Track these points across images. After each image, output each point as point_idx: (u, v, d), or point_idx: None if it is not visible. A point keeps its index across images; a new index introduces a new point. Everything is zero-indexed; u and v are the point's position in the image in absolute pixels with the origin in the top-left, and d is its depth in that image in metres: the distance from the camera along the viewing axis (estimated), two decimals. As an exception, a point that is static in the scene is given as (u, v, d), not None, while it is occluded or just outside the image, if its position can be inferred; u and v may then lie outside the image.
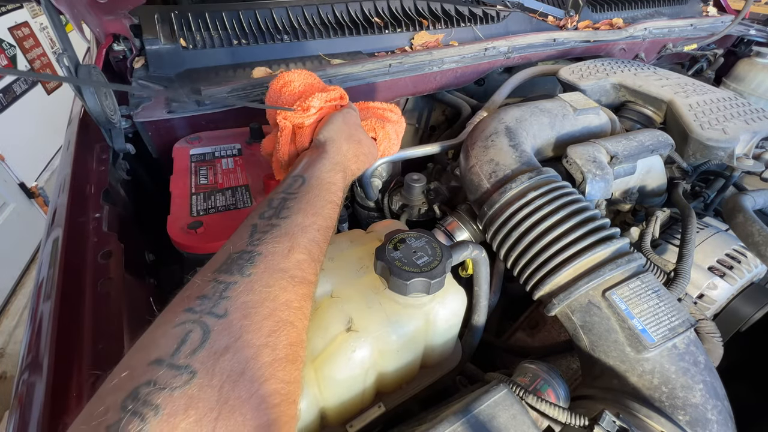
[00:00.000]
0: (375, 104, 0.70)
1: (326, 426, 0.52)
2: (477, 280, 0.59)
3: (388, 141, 0.67)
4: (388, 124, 0.66)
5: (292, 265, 0.38)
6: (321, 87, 0.64)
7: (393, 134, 0.67)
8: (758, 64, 1.28)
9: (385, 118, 0.68)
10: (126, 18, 0.91)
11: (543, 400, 0.45)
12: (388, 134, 0.66)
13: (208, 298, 0.32)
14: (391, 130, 0.67)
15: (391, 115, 0.69)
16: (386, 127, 0.66)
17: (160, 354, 0.28)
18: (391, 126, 0.67)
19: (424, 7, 1.17)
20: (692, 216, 0.70)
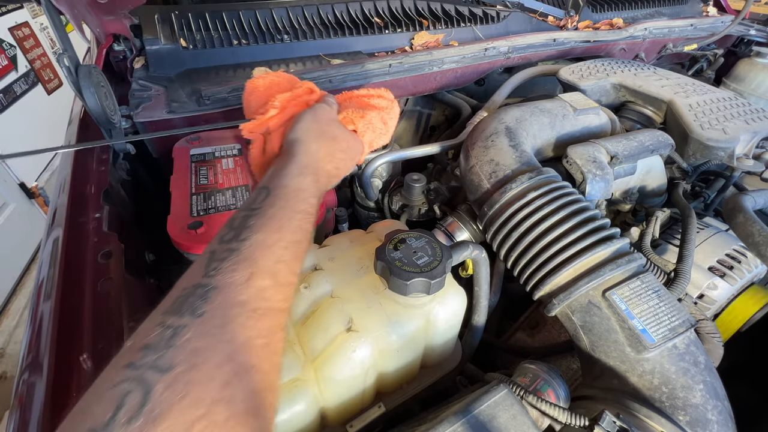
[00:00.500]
0: (360, 91, 0.62)
1: (326, 426, 0.52)
2: (477, 280, 0.59)
3: (372, 130, 0.58)
4: (370, 112, 0.58)
5: (252, 295, 0.32)
6: (286, 86, 0.59)
7: (378, 122, 0.58)
8: (758, 64, 1.28)
9: (367, 105, 0.60)
10: (126, 18, 0.91)
11: (543, 401, 0.45)
12: (370, 123, 0.57)
13: (153, 348, 0.27)
14: (375, 118, 0.58)
15: (378, 102, 0.60)
16: (367, 116, 0.57)
17: (94, 424, 0.23)
18: (375, 114, 0.58)
19: (424, 7, 1.17)
20: (692, 216, 0.70)
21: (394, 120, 0.62)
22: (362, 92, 0.62)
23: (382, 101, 0.61)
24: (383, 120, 0.60)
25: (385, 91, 0.62)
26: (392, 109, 0.61)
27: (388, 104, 0.61)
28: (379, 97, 0.61)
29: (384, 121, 0.60)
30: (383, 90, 0.62)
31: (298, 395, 0.46)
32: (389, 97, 0.61)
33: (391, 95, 0.62)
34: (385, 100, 0.61)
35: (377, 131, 0.59)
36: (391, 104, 0.61)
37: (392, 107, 0.61)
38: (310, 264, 0.56)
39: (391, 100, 0.61)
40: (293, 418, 0.46)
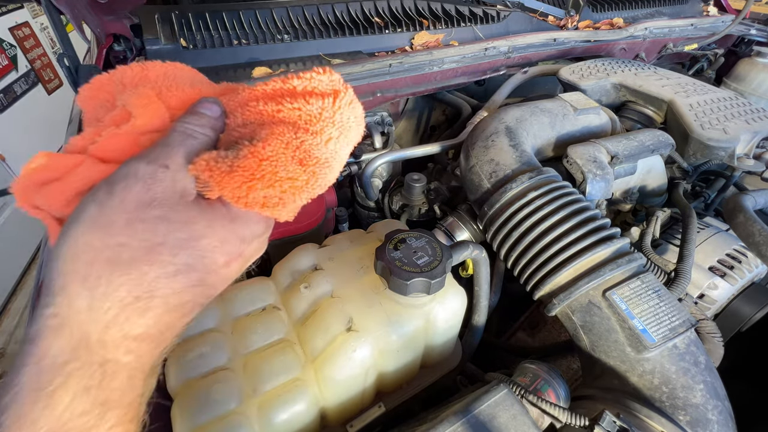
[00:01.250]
0: (267, 86, 0.33)
1: (326, 426, 0.52)
2: (477, 280, 0.59)
3: (287, 184, 0.31)
4: (279, 138, 0.30)
5: None
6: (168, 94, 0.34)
7: (296, 160, 0.31)
8: (759, 64, 1.28)
9: (276, 122, 0.32)
10: (126, 18, 0.91)
11: (543, 400, 0.45)
12: (278, 166, 0.30)
13: None
14: (290, 151, 0.31)
15: (307, 108, 0.32)
16: (273, 152, 0.30)
17: None
18: (291, 139, 0.31)
19: (425, 7, 1.17)
20: (693, 216, 0.70)
21: (350, 136, 0.34)
22: (270, 87, 0.33)
23: (311, 106, 0.32)
24: (306, 149, 0.31)
25: (327, 73, 0.33)
26: (335, 116, 0.32)
27: (327, 108, 0.32)
28: (310, 96, 0.32)
29: (313, 152, 0.31)
30: (322, 71, 0.33)
31: (298, 395, 0.46)
32: (334, 84, 0.33)
33: (337, 78, 0.34)
34: (321, 99, 0.32)
35: (300, 180, 0.31)
36: (337, 105, 0.32)
37: (338, 111, 0.32)
38: (311, 264, 0.56)
39: (337, 90, 0.33)
40: (293, 418, 0.46)
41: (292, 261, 0.57)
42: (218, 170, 0.28)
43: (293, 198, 0.32)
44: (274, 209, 0.31)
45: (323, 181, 0.33)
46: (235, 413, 0.45)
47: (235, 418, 0.44)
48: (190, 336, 0.51)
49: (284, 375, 0.48)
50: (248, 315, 0.54)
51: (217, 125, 0.32)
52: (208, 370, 0.48)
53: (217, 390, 0.46)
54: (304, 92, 0.33)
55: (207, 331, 0.52)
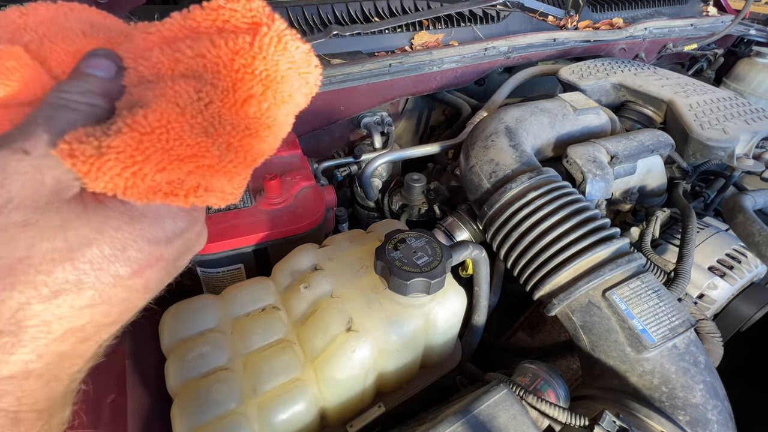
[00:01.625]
0: (154, 29, 0.26)
1: (326, 426, 0.52)
2: (477, 280, 0.59)
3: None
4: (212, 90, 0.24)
5: None
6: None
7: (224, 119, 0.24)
8: (758, 64, 1.28)
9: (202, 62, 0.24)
10: (126, 18, 0.91)
11: (543, 400, 0.45)
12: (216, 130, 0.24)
13: None
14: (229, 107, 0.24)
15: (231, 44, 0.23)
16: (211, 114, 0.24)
17: None
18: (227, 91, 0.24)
19: (424, 7, 1.17)
20: (692, 216, 0.70)
21: (284, 90, 0.25)
22: (168, 26, 0.26)
23: (219, 50, 0.24)
24: (214, 113, 0.24)
25: (244, 1, 0.25)
26: (255, 63, 0.24)
27: (242, 50, 0.24)
28: (218, 35, 0.24)
29: (224, 117, 0.24)
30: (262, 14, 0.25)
31: (298, 395, 0.46)
32: (254, 14, 0.25)
33: (258, 5, 0.25)
34: (233, 39, 0.24)
35: (209, 156, 0.24)
36: (257, 45, 0.24)
37: (259, 54, 0.24)
38: (310, 264, 0.56)
39: (257, 23, 0.24)
40: (293, 418, 0.46)
41: (292, 261, 0.57)
42: (83, 154, 0.21)
43: (209, 179, 0.24)
44: (187, 197, 0.24)
45: (250, 154, 0.25)
46: (235, 413, 0.45)
47: (235, 418, 0.44)
48: (190, 336, 0.51)
49: (284, 375, 0.48)
50: (248, 315, 0.54)
51: (110, 89, 0.24)
52: (208, 370, 0.48)
53: (217, 390, 0.46)
54: (211, 29, 0.25)
55: (207, 331, 0.52)
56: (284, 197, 0.68)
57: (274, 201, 0.67)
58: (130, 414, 0.47)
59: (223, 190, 0.26)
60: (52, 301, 0.21)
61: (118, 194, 0.22)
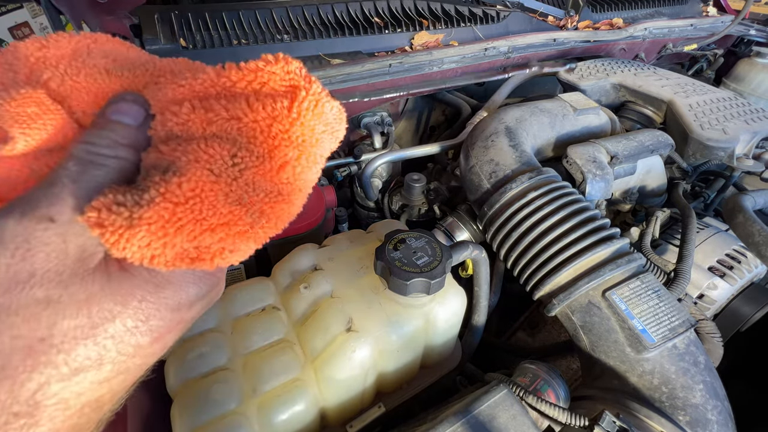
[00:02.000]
0: (185, 82, 0.24)
1: (326, 426, 0.52)
2: (477, 280, 0.59)
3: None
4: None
5: None
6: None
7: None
8: (758, 64, 1.28)
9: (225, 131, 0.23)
10: (126, 18, 0.91)
11: (543, 401, 0.45)
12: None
13: None
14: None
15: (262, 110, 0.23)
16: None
17: None
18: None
19: (424, 7, 1.16)
20: (692, 216, 0.70)
21: (317, 153, 0.25)
22: (200, 82, 0.24)
23: (257, 114, 0.23)
24: (249, 180, 0.23)
25: (281, 62, 0.24)
26: (293, 129, 0.23)
27: (281, 115, 0.23)
28: (256, 98, 0.23)
29: (259, 184, 0.23)
30: (274, 60, 0.24)
31: (298, 395, 0.46)
32: (292, 77, 0.24)
33: (296, 68, 0.24)
34: (271, 103, 0.23)
35: (241, 224, 0.23)
36: (295, 110, 0.23)
37: (297, 120, 0.23)
38: (310, 264, 0.56)
39: (296, 86, 0.24)
40: (293, 418, 0.46)
41: (292, 261, 0.57)
42: (113, 224, 0.20)
43: (238, 245, 0.23)
44: (213, 260, 0.23)
45: (281, 219, 0.25)
46: (235, 413, 0.45)
47: (235, 418, 0.44)
48: (190, 336, 0.51)
49: (284, 375, 0.48)
50: (248, 315, 0.54)
51: (138, 139, 0.22)
52: (207, 370, 0.48)
53: (217, 390, 0.46)
54: (247, 90, 0.23)
55: (207, 331, 0.52)
56: (284, 197, 0.68)
57: (274, 201, 0.67)
58: (130, 414, 0.47)
59: (249, 251, 0.25)
60: (71, 379, 0.20)
61: (144, 263, 0.21)
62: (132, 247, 0.20)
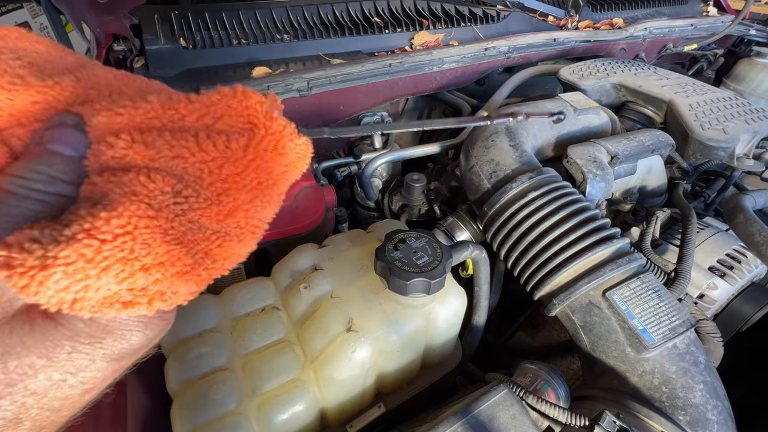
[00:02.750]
0: (125, 111, 0.21)
1: (326, 426, 0.52)
2: (477, 280, 0.59)
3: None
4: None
5: None
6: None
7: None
8: (758, 64, 1.28)
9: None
10: (126, 18, 0.91)
11: (543, 401, 0.45)
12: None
13: None
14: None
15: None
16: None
17: None
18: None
19: (424, 7, 1.16)
20: (693, 216, 0.70)
21: (273, 195, 0.24)
22: (142, 112, 0.21)
23: (205, 154, 0.21)
24: (191, 220, 0.21)
25: (238, 96, 0.21)
26: (246, 171, 0.22)
27: (234, 156, 0.21)
28: (208, 135, 0.21)
29: (204, 224, 0.22)
30: (232, 92, 0.21)
31: (298, 395, 0.46)
32: (251, 113, 0.21)
33: (255, 103, 0.21)
34: (224, 141, 0.21)
35: (180, 264, 0.20)
36: (251, 153, 0.21)
37: (252, 162, 0.22)
38: (310, 264, 0.56)
39: (255, 124, 0.21)
40: (293, 418, 0.46)
41: (292, 261, 0.57)
42: (23, 265, 0.16)
43: (177, 287, 0.20)
44: (151, 304, 0.20)
45: (230, 260, 0.22)
46: (235, 413, 0.45)
47: (235, 418, 0.44)
48: (190, 336, 0.51)
49: (284, 375, 0.48)
50: (248, 315, 0.54)
51: (79, 172, 0.19)
52: (207, 370, 0.48)
53: (217, 390, 0.46)
54: (198, 126, 0.20)
55: (207, 331, 0.52)
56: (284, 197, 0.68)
57: (274, 201, 0.67)
58: (130, 414, 0.47)
59: (194, 292, 0.21)
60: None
61: (63, 309, 0.18)
62: (46, 291, 0.17)
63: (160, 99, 0.20)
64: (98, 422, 0.43)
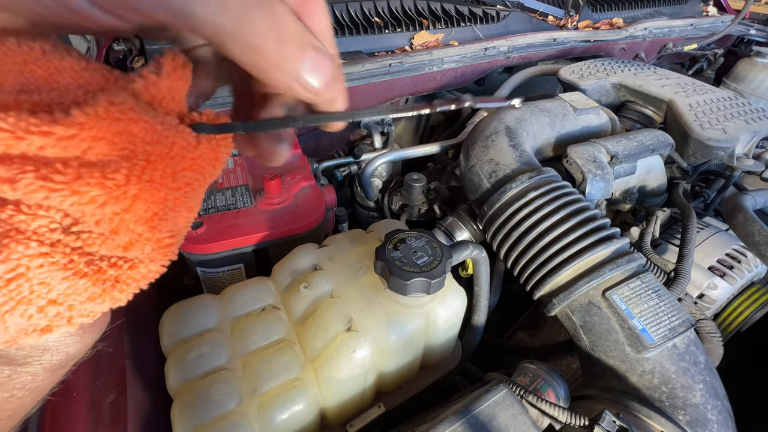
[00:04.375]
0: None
1: (326, 426, 0.52)
2: (477, 280, 0.59)
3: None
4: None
5: None
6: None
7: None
8: (758, 64, 1.28)
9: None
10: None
11: (543, 400, 0.45)
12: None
13: None
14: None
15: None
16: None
17: None
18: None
19: (424, 7, 1.16)
20: (692, 216, 0.70)
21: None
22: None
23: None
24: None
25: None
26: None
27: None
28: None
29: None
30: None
31: (297, 395, 0.46)
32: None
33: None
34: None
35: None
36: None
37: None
38: (310, 264, 0.56)
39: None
40: (293, 418, 0.46)
41: (292, 261, 0.57)
42: None
43: (93, 308, 0.20)
44: (71, 322, 0.19)
45: (145, 278, 0.22)
46: (235, 413, 0.45)
47: (235, 418, 0.44)
48: (190, 336, 0.51)
49: (284, 375, 0.48)
50: (248, 315, 0.54)
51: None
52: (207, 370, 0.48)
53: (217, 390, 0.46)
54: (67, 157, 0.17)
55: (207, 331, 0.52)
56: (284, 197, 0.68)
57: (274, 201, 0.67)
58: (130, 414, 0.47)
59: (116, 305, 0.21)
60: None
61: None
62: None
63: (10, 124, 0.16)
64: (98, 422, 0.43)
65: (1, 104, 0.17)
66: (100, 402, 0.45)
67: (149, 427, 0.50)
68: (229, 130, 0.22)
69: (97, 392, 0.45)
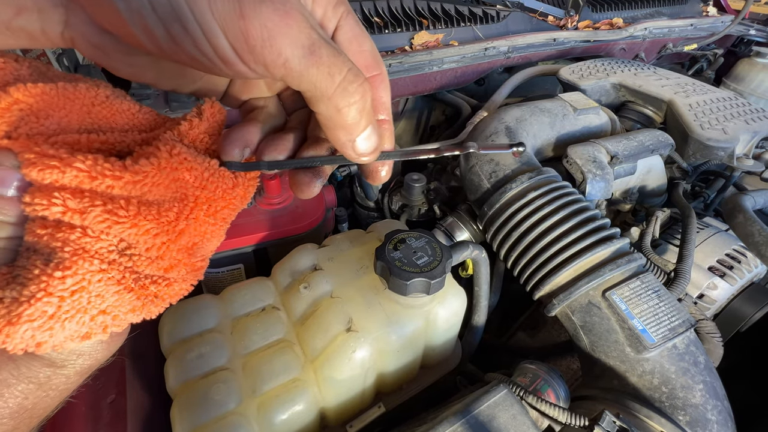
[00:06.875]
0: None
1: (326, 426, 0.52)
2: (477, 280, 0.59)
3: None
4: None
5: None
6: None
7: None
8: (758, 64, 1.28)
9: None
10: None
11: (543, 401, 0.45)
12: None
13: None
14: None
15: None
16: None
17: None
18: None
19: (424, 7, 1.16)
20: (692, 216, 0.70)
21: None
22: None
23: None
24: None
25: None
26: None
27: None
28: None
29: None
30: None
31: (297, 395, 0.46)
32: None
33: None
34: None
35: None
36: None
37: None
38: (310, 264, 0.56)
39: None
40: (293, 418, 0.46)
41: (292, 261, 0.57)
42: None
43: (129, 319, 0.23)
44: (106, 330, 0.22)
45: (177, 294, 0.26)
46: (235, 413, 0.45)
47: (235, 418, 0.44)
48: (189, 336, 0.51)
49: (284, 375, 0.48)
50: (248, 315, 0.54)
51: (20, 209, 0.19)
52: (207, 370, 0.48)
53: (217, 390, 0.46)
54: (130, 195, 0.22)
55: (207, 331, 0.52)
56: (284, 197, 0.68)
57: (274, 201, 0.67)
58: (130, 414, 0.47)
59: (145, 317, 0.25)
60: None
61: (28, 350, 0.20)
62: (14, 341, 0.19)
63: (88, 166, 0.20)
64: (98, 422, 0.43)
65: (73, 143, 0.21)
66: (99, 402, 0.45)
67: (149, 428, 0.50)
68: (255, 168, 0.26)
69: (96, 392, 0.45)
